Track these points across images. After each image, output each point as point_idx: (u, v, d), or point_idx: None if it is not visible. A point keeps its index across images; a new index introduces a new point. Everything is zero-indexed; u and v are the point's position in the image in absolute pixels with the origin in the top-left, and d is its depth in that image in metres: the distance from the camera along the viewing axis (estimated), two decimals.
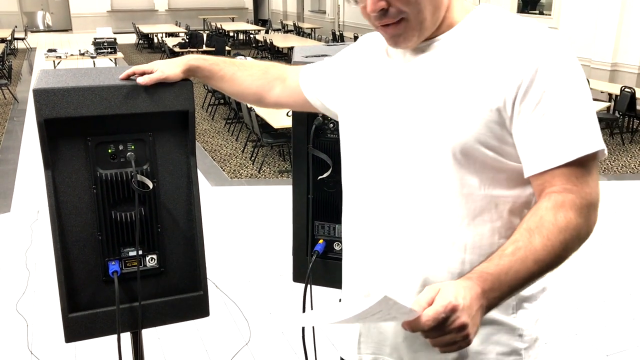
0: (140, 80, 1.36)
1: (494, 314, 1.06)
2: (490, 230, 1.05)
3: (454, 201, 1.03)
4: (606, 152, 0.99)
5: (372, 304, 0.79)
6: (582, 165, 0.96)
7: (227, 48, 10.99)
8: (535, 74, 0.95)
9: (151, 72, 1.38)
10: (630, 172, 5.66)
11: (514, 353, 1.10)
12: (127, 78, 1.39)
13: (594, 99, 6.54)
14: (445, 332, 0.84)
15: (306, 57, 1.60)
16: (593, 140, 0.96)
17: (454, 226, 1.05)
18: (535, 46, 0.96)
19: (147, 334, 2.86)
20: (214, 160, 5.87)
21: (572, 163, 0.95)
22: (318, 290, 1.73)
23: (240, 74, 1.41)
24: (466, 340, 0.86)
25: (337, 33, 13.83)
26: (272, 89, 1.40)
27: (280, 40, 11.88)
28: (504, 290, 0.92)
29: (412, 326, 0.84)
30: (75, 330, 1.45)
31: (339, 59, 1.29)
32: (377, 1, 0.99)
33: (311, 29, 15.29)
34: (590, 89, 5.91)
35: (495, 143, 1.00)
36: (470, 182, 1.02)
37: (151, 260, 1.49)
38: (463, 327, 0.84)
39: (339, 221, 1.41)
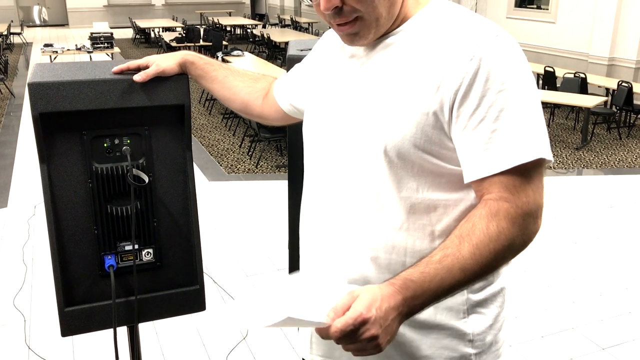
0: (137, 77, 1.35)
1: (443, 318, 1.05)
2: (430, 234, 1.03)
3: (392, 204, 1.02)
4: (550, 157, 0.94)
5: (276, 321, 0.82)
6: (522, 172, 0.93)
7: (225, 43, 10.96)
8: (474, 77, 0.91)
9: (146, 67, 1.38)
10: (627, 166, 5.67)
11: (463, 358, 1.08)
12: (121, 72, 1.38)
13: (592, 94, 6.49)
14: (355, 341, 0.85)
15: (301, 50, 1.60)
16: (532, 148, 0.92)
17: (394, 230, 1.03)
18: (474, 48, 0.92)
19: (145, 328, 2.87)
20: (211, 155, 5.86)
21: (509, 171, 0.92)
22: None
23: (232, 79, 1.41)
24: (377, 349, 0.87)
25: None
26: (257, 100, 1.39)
27: (278, 35, 11.85)
28: (427, 298, 0.91)
29: (323, 334, 0.85)
30: (71, 324, 1.45)
31: (306, 59, 1.28)
32: None
33: (308, 23, 15.24)
34: (588, 83, 5.87)
35: (434, 147, 0.97)
36: (408, 185, 1.00)
37: (147, 254, 1.49)
38: (373, 338, 0.85)
39: None
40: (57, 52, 8.76)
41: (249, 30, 13.93)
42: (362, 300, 0.85)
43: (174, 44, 10.73)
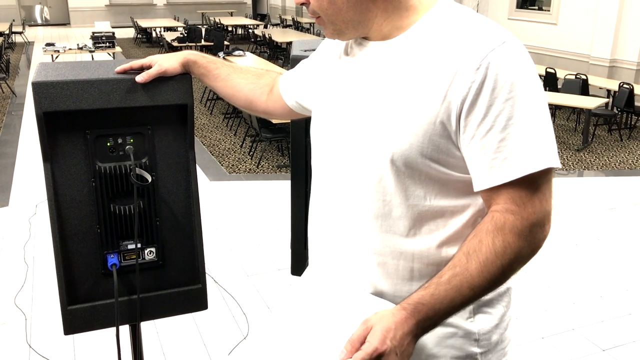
0: (139, 78, 1.35)
1: (450, 318, 1.06)
2: (438, 240, 1.03)
3: (399, 212, 1.02)
4: (558, 165, 0.94)
5: None
6: (529, 182, 0.92)
7: (226, 43, 10.96)
8: (480, 86, 0.90)
9: (149, 67, 1.38)
10: (628, 168, 5.67)
11: (469, 357, 1.08)
12: (124, 72, 1.38)
13: (593, 95, 6.48)
14: None
15: (305, 51, 1.60)
16: (540, 157, 0.92)
17: (401, 236, 1.04)
18: (481, 56, 0.91)
19: (146, 328, 2.87)
20: (212, 155, 5.87)
21: (517, 181, 0.92)
22: None
23: (235, 76, 1.41)
24: None
25: None
26: (261, 96, 1.39)
27: (279, 35, 11.85)
28: (439, 318, 0.95)
29: None
30: (74, 323, 1.45)
31: (312, 57, 1.28)
32: None
33: (310, 23, 15.25)
34: (589, 85, 5.86)
35: (441, 156, 0.97)
36: (415, 192, 1.00)
37: (150, 253, 1.49)
38: None
39: None
40: (58, 51, 8.77)
41: (250, 31, 13.94)
42: (376, 333, 0.90)
43: (175, 43, 10.73)
